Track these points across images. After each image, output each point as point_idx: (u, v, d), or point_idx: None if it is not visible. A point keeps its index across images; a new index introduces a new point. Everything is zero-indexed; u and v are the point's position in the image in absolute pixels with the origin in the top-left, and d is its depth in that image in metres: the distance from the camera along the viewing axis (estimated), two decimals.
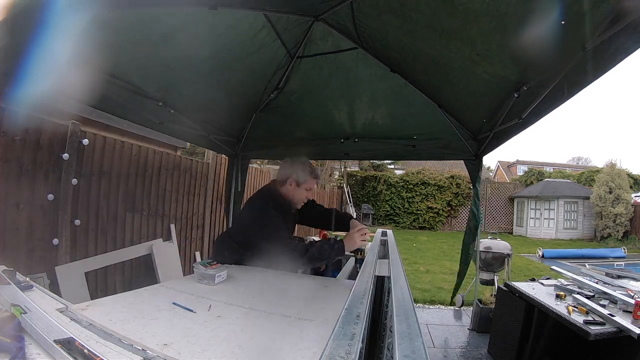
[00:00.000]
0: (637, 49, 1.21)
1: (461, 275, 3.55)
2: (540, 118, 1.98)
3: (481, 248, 4.02)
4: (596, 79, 1.44)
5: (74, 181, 2.50)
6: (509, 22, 1.50)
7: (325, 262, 1.88)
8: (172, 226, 3.66)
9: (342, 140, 3.36)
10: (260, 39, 2.17)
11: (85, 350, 0.72)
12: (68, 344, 0.73)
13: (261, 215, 1.80)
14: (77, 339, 0.76)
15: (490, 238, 4.31)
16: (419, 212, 16.18)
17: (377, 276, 1.23)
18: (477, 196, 3.14)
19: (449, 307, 4.41)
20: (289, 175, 1.92)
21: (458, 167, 16.43)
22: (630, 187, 13.97)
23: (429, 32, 1.86)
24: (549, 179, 16.61)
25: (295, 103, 3.05)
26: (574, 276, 2.71)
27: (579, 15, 1.26)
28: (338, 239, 1.78)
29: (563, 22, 1.31)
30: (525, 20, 1.45)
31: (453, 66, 2.08)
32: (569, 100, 1.70)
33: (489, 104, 2.32)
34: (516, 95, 1.92)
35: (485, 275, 4.11)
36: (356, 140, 3.32)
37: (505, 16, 1.48)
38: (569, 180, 16.29)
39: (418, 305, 4.43)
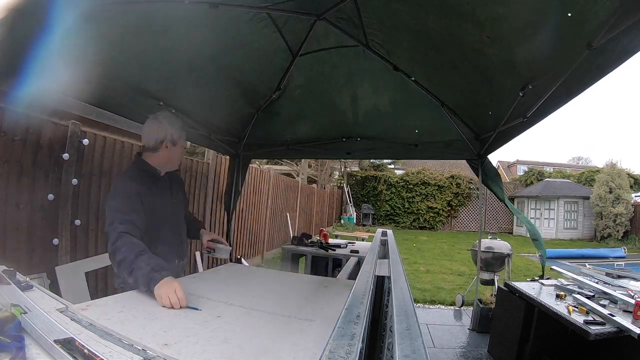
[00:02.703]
0: (635, 53, 1.21)
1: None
2: (545, 117, 1.97)
3: (481, 248, 4.02)
4: (602, 77, 1.43)
5: (74, 181, 2.50)
6: (517, 9, 1.49)
7: (129, 279, 1.25)
8: None
9: (343, 139, 3.35)
10: (261, 37, 2.17)
11: (85, 350, 0.72)
12: (68, 344, 0.73)
13: (120, 185, 1.57)
14: (77, 339, 0.76)
15: (491, 238, 4.31)
16: (419, 212, 16.19)
17: (377, 276, 1.23)
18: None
19: (449, 307, 4.41)
20: (163, 137, 1.61)
21: (458, 167, 16.46)
22: (631, 187, 13.98)
23: (438, 16, 1.82)
24: (549, 179, 16.62)
25: (297, 102, 3.04)
26: (574, 276, 2.71)
27: (585, 13, 1.25)
28: (163, 272, 1.19)
29: (570, 15, 1.29)
30: (534, 8, 1.43)
31: (463, 45, 1.98)
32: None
33: (494, 101, 2.29)
34: (521, 94, 1.91)
35: (486, 275, 4.11)
36: (358, 139, 3.31)
37: (514, 3, 1.47)
38: (569, 180, 16.30)
39: (418, 305, 4.43)
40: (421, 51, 2.22)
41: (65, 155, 2.42)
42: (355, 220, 14.94)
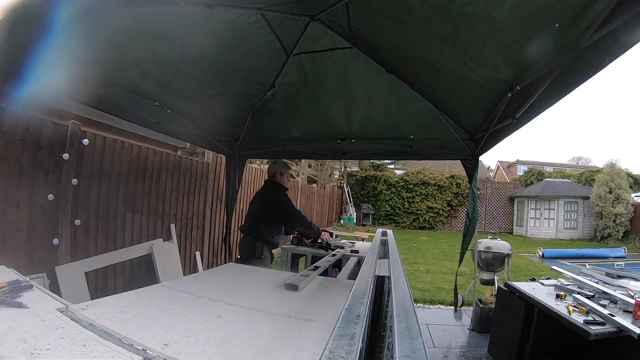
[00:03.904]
0: (626, 51, 1.22)
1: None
2: (534, 117, 1.98)
3: (481, 248, 4.02)
4: (588, 78, 1.44)
5: (74, 181, 2.50)
6: (502, 27, 1.51)
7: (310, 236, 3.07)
8: (172, 226, 3.66)
9: (338, 141, 3.36)
10: (256, 37, 2.18)
11: None
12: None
13: (284, 197, 2.97)
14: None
15: (490, 238, 4.31)
16: (419, 212, 16.18)
17: (377, 276, 1.23)
18: (473, 197, 3.14)
19: (449, 307, 4.41)
20: (276, 170, 2.99)
21: (458, 167, 16.39)
22: (630, 187, 13.97)
23: (422, 36, 1.86)
24: (549, 179, 16.61)
25: (292, 102, 3.05)
26: (574, 276, 2.70)
27: (572, 17, 1.26)
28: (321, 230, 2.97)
29: (557, 26, 1.31)
30: (519, 26, 1.45)
31: (447, 69, 2.09)
32: (568, 100, 1.71)
33: (483, 104, 2.32)
34: (510, 95, 1.93)
35: (486, 275, 4.11)
36: (353, 140, 3.32)
37: (499, 22, 1.48)
38: (569, 180, 16.29)
39: (418, 305, 4.43)
40: (410, 57, 2.24)
41: (65, 155, 2.42)
42: (355, 220, 14.93)
